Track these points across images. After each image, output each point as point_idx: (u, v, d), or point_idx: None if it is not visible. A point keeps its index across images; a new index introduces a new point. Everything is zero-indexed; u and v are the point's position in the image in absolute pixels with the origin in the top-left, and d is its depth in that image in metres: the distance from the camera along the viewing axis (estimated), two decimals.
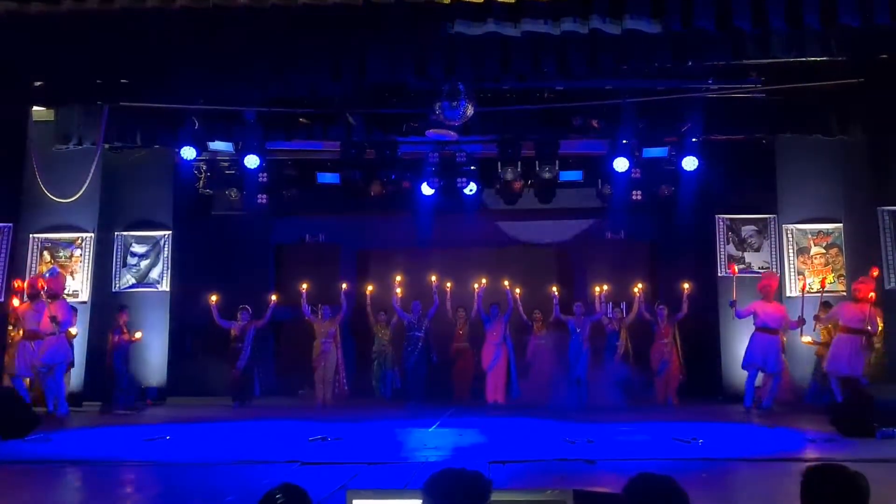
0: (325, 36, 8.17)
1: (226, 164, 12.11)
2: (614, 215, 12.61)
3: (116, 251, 11.49)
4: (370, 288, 11.24)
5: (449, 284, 11.03)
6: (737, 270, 10.44)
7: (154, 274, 11.54)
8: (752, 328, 9.79)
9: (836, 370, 9.30)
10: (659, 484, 2.23)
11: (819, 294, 10.13)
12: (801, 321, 9.73)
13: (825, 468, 2.31)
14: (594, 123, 10.52)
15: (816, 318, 9.91)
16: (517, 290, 11.02)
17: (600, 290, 10.94)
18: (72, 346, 9.78)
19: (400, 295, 10.89)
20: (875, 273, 9.56)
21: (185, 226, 12.07)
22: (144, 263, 11.56)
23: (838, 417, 7.95)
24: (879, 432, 7.42)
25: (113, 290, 11.26)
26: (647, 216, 12.55)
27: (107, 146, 10.78)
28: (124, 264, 11.47)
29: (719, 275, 11.20)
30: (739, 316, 9.86)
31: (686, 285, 10.35)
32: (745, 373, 9.82)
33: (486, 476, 2.26)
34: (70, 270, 10.66)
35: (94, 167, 10.41)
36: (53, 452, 6.87)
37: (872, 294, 9.45)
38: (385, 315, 11.29)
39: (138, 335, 10.66)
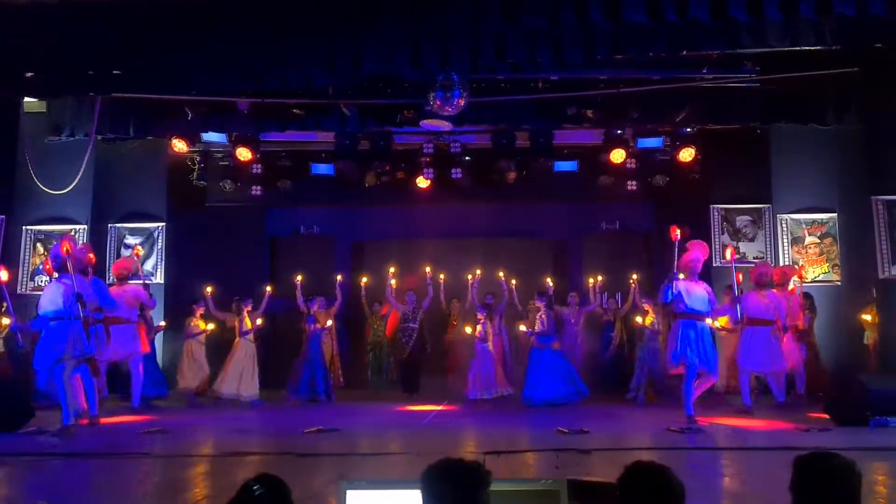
0: (319, 26, 8.12)
1: (219, 155, 12.09)
2: (609, 206, 12.62)
3: (110, 243, 11.46)
4: (365, 279, 11.23)
5: (443, 276, 11.02)
6: (734, 255, 9.23)
7: (148, 266, 11.50)
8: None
9: (752, 366, 8.89)
10: (653, 473, 2.23)
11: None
12: (734, 301, 8.56)
13: (816, 456, 2.31)
14: (589, 114, 10.48)
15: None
16: (512, 282, 11.01)
17: (595, 281, 10.95)
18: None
19: (394, 286, 10.88)
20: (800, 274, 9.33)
21: (179, 217, 12.04)
22: None
23: (832, 406, 8.00)
24: (873, 421, 7.46)
25: (107, 282, 11.20)
26: (641, 206, 12.55)
27: (99, 138, 10.72)
28: (118, 256, 11.41)
29: (714, 265, 11.22)
30: (664, 297, 8.37)
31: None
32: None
33: (484, 466, 2.24)
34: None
35: (86, 159, 10.35)
36: (50, 445, 6.85)
37: (793, 285, 9.39)
38: (380, 306, 11.28)
39: (329, 323, 10.62)
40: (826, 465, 2.26)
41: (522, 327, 10.25)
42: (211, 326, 10.55)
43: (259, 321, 10.47)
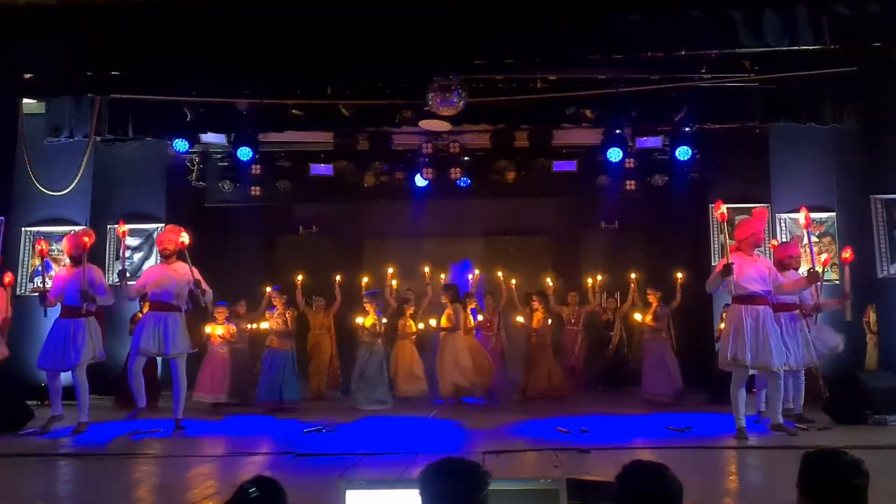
0: (318, 25, 8.12)
1: (218, 155, 12.09)
2: (608, 205, 12.63)
3: (109, 244, 11.44)
4: (365, 279, 11.24)
5: (443, 275, 11.03)
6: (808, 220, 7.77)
7: (147, 267, 11.47)
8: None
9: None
10: (652, 471, 2.23)
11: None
12: (814, 277, 7.24)
13: (824, 452, 2.32)
14: (588, 113, 10.47)
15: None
16: (512, 281, 11.03)
17: (594, 280, 10.96)
18: None
19: (394, 286, 10.88)
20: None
21: (178, 218, 11.95)
22: (137, 256, 11.51)
23: (831, 405, 8.00)
24: (871, 419, 7.47)
25: (107, 283, 11.18)
26: (641, 206, 12.56)
27: (98, 139, 10.69)
28: (117, 257, 11.40)
29: (713, 264, 11.23)
30: (714, 289, 7.38)
31: (680, 274, 10.35)
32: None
33: (483, 466, 2.24)
34: (62, 264, 10.58)
35: (85, 160, 10.32)
36: (50, 446, 6.86)
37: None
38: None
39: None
40: (834, 462, 2.27)
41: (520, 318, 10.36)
42: (421, 325, 10.54)
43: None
